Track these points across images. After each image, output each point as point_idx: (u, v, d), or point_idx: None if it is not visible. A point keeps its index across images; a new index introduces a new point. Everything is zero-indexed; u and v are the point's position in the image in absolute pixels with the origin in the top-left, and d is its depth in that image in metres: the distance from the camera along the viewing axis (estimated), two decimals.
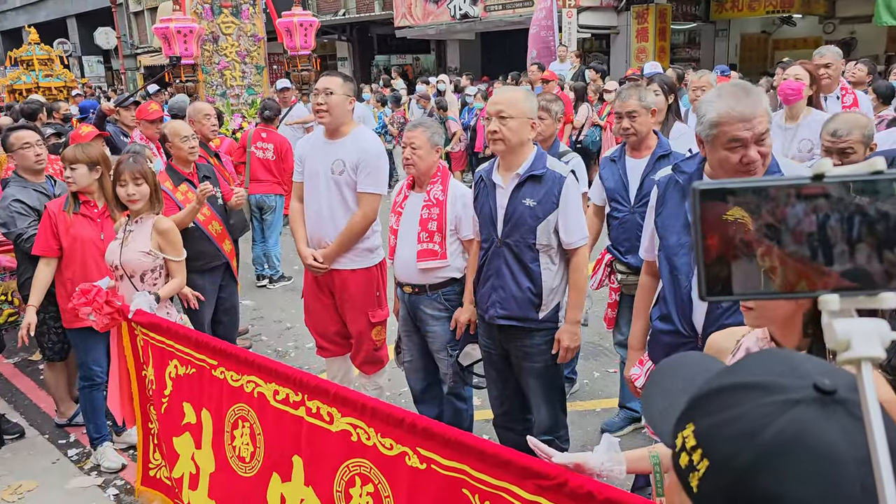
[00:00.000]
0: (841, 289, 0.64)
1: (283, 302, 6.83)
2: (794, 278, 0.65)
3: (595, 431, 4.18)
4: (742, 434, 0.67)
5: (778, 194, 0.65)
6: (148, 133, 5.91)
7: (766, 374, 0.71)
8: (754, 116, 2.20)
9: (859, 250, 0.64)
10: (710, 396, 0.73)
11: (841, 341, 0.62)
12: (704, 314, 2.34)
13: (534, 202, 3.01)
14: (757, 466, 0.65)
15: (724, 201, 0.66)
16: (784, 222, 0.65)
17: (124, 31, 31.29)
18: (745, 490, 0.65)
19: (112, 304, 2.92)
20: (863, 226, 0.64)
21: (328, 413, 2.16)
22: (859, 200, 0.64)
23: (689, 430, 0.72)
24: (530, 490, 1.71)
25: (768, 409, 0.67)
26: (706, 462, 0.68)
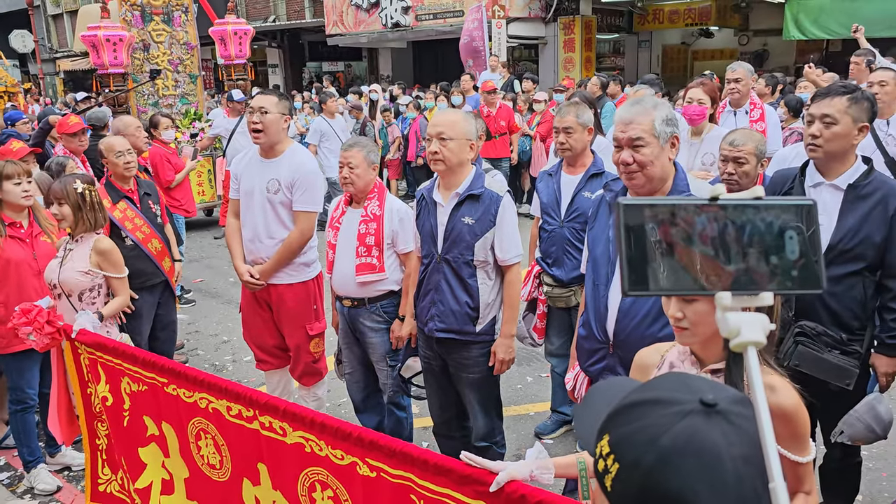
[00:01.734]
0: (733, 289, 0.80)
1: (219, 315, 6.80)
2: (699, 278, 0.81)
3: (529, 435, 4.37)
4: (645, 440, 0.83)
5: (685, 208, 0.81)
6: (70, 147, 5.77)
7: (666, 391, 0.89)
8: (631, 121, 2.42)
9: (750, 254, 0.80)
10: (623, 411, 0.90)
11: (732, 330, 0.78)
12: (615, 322, 2.54)
13: (472, 220, 3.16)
14: (657, 466, 0.81)
15: (641, 213, 0.81)
16: (693, 228, 0.80)
17: (42, 35, 30.13)
18: (650, 486, 0.81)
19: (53, 323, 2.93)
20: (753, 235, 0.80)
21: (280, 427, 2.27)
22: (750, 219, 0.80)
23: (605, 440, 0.89)
24: (470, 495, 1.86)
25: (666, 420, 0.84)
26: (617, 465, 0.85)
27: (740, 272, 0.80)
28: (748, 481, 0.81)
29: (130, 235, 4.48)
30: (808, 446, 1.71)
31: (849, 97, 2.78)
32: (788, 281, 0.80)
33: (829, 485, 3.18)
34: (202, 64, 11.31)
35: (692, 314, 1.71)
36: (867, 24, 8.92)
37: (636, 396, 0.90)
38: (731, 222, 0.80)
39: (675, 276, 0.80)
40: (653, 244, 0.80)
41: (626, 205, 0.82)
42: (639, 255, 0.81)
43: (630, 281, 0.81)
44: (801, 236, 0.80)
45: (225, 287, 7.54)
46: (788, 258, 0.80)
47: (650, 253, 0.81)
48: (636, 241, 0.81)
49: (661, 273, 0.81)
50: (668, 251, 0.80)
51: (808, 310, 2.83)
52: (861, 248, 2.75)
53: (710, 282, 0.80)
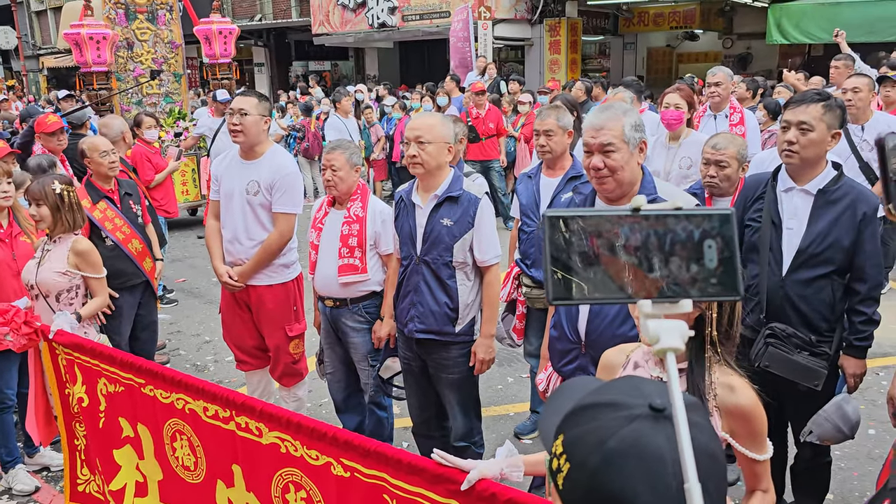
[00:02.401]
0: (655, 296, 0.83)
1: (201, 315, 6.79)
2: (623, 286, 0.84)
3: (508, 435, 4.40)
4: (595, 442, 0.87)
5: (609, 219, 0.83)
6: (49, 146, 5.73)
7: (619, 394, 0.93)
8: (602, 128, 2.47)
9: (672, 262, 0.83)
10: (578, 412, 0.93)
11: (652, 336, 0.81)
12: (587, 322, 2.58)
13: (451, 222, 3.20)
14: (603, 468, 0.85)
15: (566, 225, 0.84)
16: (618, 238, 0.83)
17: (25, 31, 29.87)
18: (597, 486, 0.85)
19: (31, 324, 2.93)
20: (674, 244, 0.83)
21: (256, 427, 2.29)
22: (671, 228, 0.83)
23: (560, 440, 0.92)
24: (442, 494, 1.89)
25: (615, 423, 0.87)
26: (568, 465, 0.88)
27: (663, 280, 0.82)
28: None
29: (110, 236, 4.47)
30: (766, 445, 1.76)
31: (823, 104, 2.84)
32: (708, 288, 0.83)
33: (800, 484, 3.24)
34: (188, 63, 11.27)
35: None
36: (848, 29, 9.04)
37: (592, 399, 0.94)
38: (654, 232, 0.82)
39: (600, 285, 0.83)
40: (577, 254, 0.83)
41: (551, 216, 0.84)
42: (563, 265, 0.83)
43: (554, 290, 0.84)
44: (720, 245, 0.83)
45: (207, 287, 7.53)
46: (708, 266, 0.83)
47: (575, 262, 0.83)
48: (561, 251, 0.83)
49: (585, 282, 0.83)
50: (593, 260, 0.83)
51: (779, 312, 2.89)
52: (830, 252, 2.81)
53: (633, 290, 0.83)
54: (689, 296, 0.83)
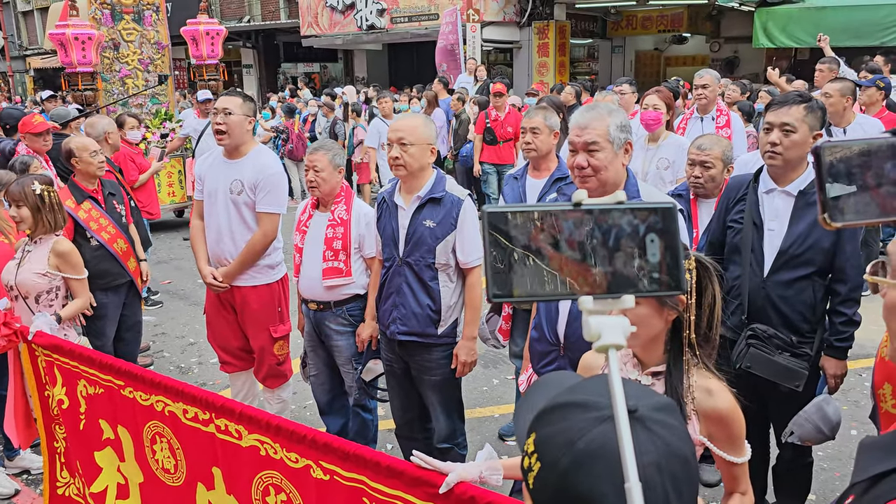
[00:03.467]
0: (598, 292, 0.81)
1: (186, 317, 6.75)
2: (566, 282, 0.82)
3: (493, 437, 4.40)
4: (564, 442, 0.86)
5: (551, 213, 0.82)
6: (34, 146, 5.70)
7: (591, 394, 0.91)
8: (586, 126, 2.47)
9: (617, 257, 0.81)
10: (549, 411, 0.92)
11: (594, 333, 0.79)
12: (566, 325, 2.58)
13: (433, 223, 3.19)
14: (572, 469, 0.84)
15: (506, 221, 0.82)
16: (560, 234, 0.81)
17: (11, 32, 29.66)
18: (565, 486, 0.84)
19: (10, 325, 2.90)
20: (617, 239, 0.81)
21: (236, 430, 2.27)
22: (614, 222, 0.82)
23: (532, 439, 0.91)
24: (422, 497, 1.88)
25: (585, 424, 0.87)
26: (539, 464, 0.88)
27: (606, 276, 0.81)
28: (658, 488, 0.84)
29: (95, 236, 4.44)
30: (744, 448, 1.76)
31: (805, 106, 2.85)
32: (651, 283, 0.82)
33: (782, 485, 3.26)
34: (175, 64, 11.21)
35: (633, 317, 1.75)
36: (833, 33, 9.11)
37: (563, 398, 0.93)
38: (597, 227, 0.81)
39: (542, 281, 0.81)
40: (519, 250, 0.81)
41: (490, 212, 0.82)
42: (504, 261, 0.81)
43: (495, 286, 0.82)
44: (662, 239, 0.82)
45: (193, 289, 7.49)
46: (651, 261, 0.82)
47: (515, 259, 0.81)
48: (501, 248, 0.81)
49: (527, 279, 0.81)
50: (535, 256, 0.81)
51: (761, 313, 2.90)
52: (810, 254, 2.82)
53: (576, 286, 0.81)
54: (630, 291, 0.81)
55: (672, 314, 1.75)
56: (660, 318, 1.74)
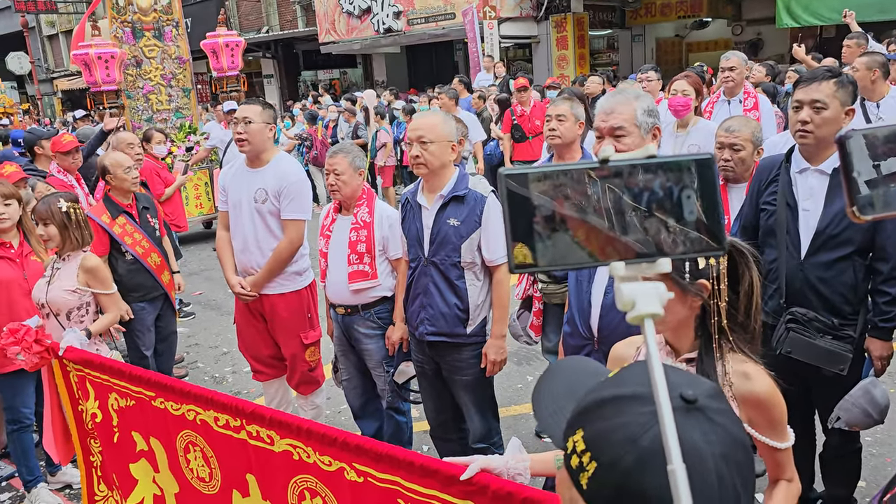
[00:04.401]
0: (629, 257, 0.75)
1: (218, 327, 6.80)
2: (593, 249, 0.75)
3: (529, 434, 4.34)
4: (625, 439, 0.80)
5: (575, 176, 0.75)
6: (64, 164, 5.79)
7: (642, 385, 0.84)
8: (612, 111, 2.42)
9: (649, 223, 0.74)
10: (597, 406, 0.86)
11: (626, 301, 0.73)
12: (599, 318, 2.52)
13: (458, 222, 3.14)
14: (638, 467, 0.78)
15: (526, 184, 0.75)
16: (586, 198, 0.74)
17: (38, 55, 30.28)
18: (629, 487, 0.78)
19: (42, 342, 2.92)
20: (648, 198, 0.74)
21: (268, 435, 2.26)
22: (645, 179, 0.75)
23: (579, 436, 0.85)
24: (458, 495, 1.84)
25: (645, 418, 0.80)
26: (594, 464, 0.81)
27: (637, 239, 0.75)
28: (728, 480, 0.78)
29: (130, 250, 4.50)
30: (787, 432, 1.69)
31: (835, 81, 2.76)
32: (688, 243, 0.75)
33: (830, 472, 3.16)
34: (197, 78, 11.32)
35: None
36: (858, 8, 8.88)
37: (611, 391, 0.87)
38: (625, 187, 0.75)
39: (568, 250, 0.75)
40: (541, 217, 0.75)
41: (508, 175, 0.76)
42: (525, 229, 0.75)
43: (516, 257, 0.76)
44: (699, 194, 0.75)
45: (224, 299, 7.54)
46: (687, 219, 0.75)
47: (538, 225, 0.75)
48: (522, 214, 0.75)
49: (551, 246, 0.75)
50: (558, 224, 0.75)
51: (799, 296, 2.81)
52: (849, 233, 2.72)
53: (604, 252, 0.75)
54: (667, 254, 0.75)
55: (697, 301, 1.68)
56: (683, 305, 1.69)
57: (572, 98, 3.99)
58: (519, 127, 9.06)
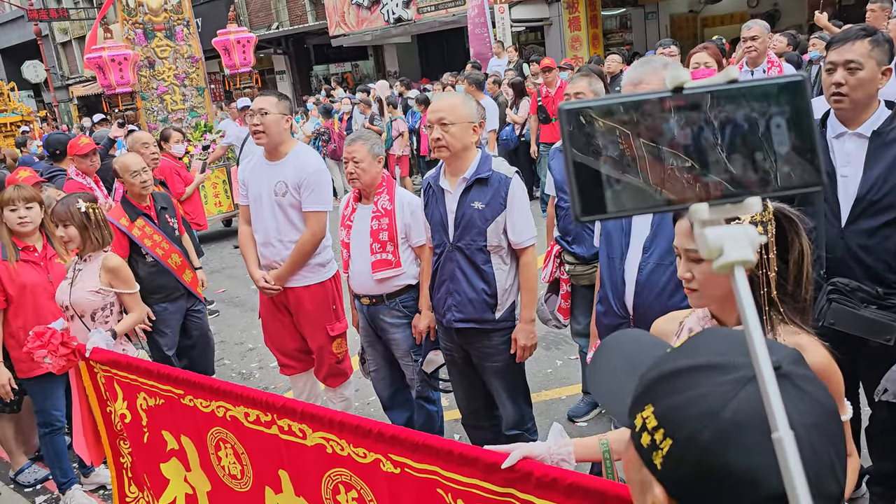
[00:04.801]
0: (711, 199, 0.66)
1: (243, 324, 6.79)
2: (669, 192, 0.67)
3: (562, 419, 4.28)
4: (703, 413, 0.72)
5: (645, 109, 0.66)
6: (82, 167, 5.80)
7: (718, 354, 0.77)
8: (641, 81, 2.34)
9: (734, 160, 0.66)
10: (668, 378, 0.78)
11: (713, 248, 0.64)
12: (634, 295, 2.44)
13: (482, 205, 3.07)
14: (720, 442, 0.70)
15: (591, 120, 0.67)
16: (660, 136, 0.66)
17: (53, 63, 30.53)
18: (710, 464, 0.70)
19: (68, 344, 2.90)
20: (735, 135, 0.66)
21: (300, 429, 2.21)
22: (727, 109, 0.66)
23: (650, 412, 0.77)
24: (500, 483, 1.78)
25: (725, 388, 0.72)
26: (669, 441, 0.73)
27: (721, 178, 0.66)
28: (823, 452, 0.71)
29: (150, 252, 4.48)
30: (844, 405, 1.61)
31: (870, 40, 2.64)
32: (780, 180, 0.66)
33: (877, 446, 3.05)
34: (210, 77, 11.32)
35: (700, 274, 1.62)
36: None
37: (682, 362, 0.78)
38: (705, 120, 0.66)
39: (640, 194, 0.67)
40: (608, 159, 0.67)
41: (569, 110, 0.67)
42: (591, 172, 0.67)
43: (582, 205, 0.68)
44: (792, 122, 0.66)
45: (247, 295, 7.53)
46: (778, 152, 0.66)
47: (606, 170, 0.67)
48: (586, 154, 0.67)
49: (621, 191, 0.67)
50: (629, 165, 0.66)
51: (841, 266, 2.71)
52: (891, 198, 2.61)
53: (682, 195, 0.66)
54: (756, 192, 0.66)
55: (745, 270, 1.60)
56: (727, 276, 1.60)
57: (590, 74, 3.90)
58: (543, 108, 8.97)
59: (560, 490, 1.67)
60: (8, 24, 32.45)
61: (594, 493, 1.64)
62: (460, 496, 1.89)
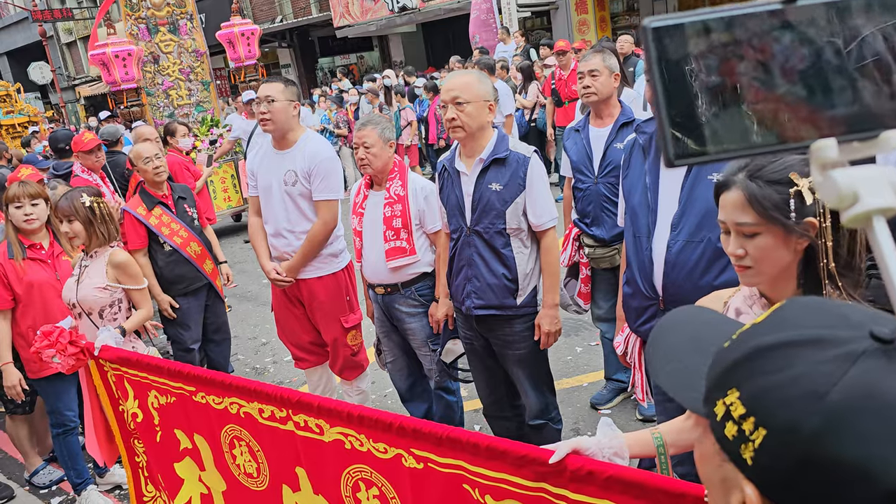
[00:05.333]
0: (836, 135, 0.55)
1: (256, 318, 6.72)
2: (784, 128, 0.56)
3: (585, 407, 4.17)
4: (806, 396, 0.60)
5: (750, 26, 0.55)
6: (87, 163, 5.73)
7: (816, 326, 0.65)
8: None
9: (864, 86, 0.55)
10: (755, 357, 0.66)
11: (845, 195, 0.53)
12: (663, 275, 2.33)
13: (500, 186, 2.95)
14: (830, 429, 0.59)
15: (684, 40, 0.56)
16: (770, 58, 0.55)
17: (59, 64, 30.57)
18: (820, 456, 0.59)
19: (76, 343, 2.81)
20: (864, 55, 0.54)
21: (317, 425, 2.12)
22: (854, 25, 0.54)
23: (734, 397, 0.66)
24: (530, 477, 1.68)
25: (830, 367, 0.61)
26: (763, 431, 0.62)
27: (846, 109, 0.54)
28: None
29: (168, 241, 4.40)
30: None
31: None
32: None
33: None
34: (216, 73, 11.22)
35: (755, 250, 1.49)
36: None
37: (773, 337, 0.66)
38: (826, 35, 0.53)
39: (744, 130, 0.55)
40: (706, 89, 0.55)
41: (656, 28, 0.56)
42: (684, 106, 0.55)
43: (676, 145, 0.56)
44: None
45: (259, 290, 7.46)
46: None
47: (702, 98, 0.55)
48: (679, 84, 0.55)
49: (722, 128, 0.55)
50: (730, 93, 0.55)
51: None
52: None
53: (799, 131, 0.55)
54: (893, 125, 0.54)
55: (802, 242, 1.48)
56: (787, 249, 1.48)
57: (603, 50, 3.76)
58: (556, 91, 8.81)
59: (597, 483, 1.56)
60: (13, 26, 32.49)
61: (634, 486, 1.53)
62: (488, 491, 1.79)
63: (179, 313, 4.40)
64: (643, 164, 2.50)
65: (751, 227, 1.48)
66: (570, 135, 3.79)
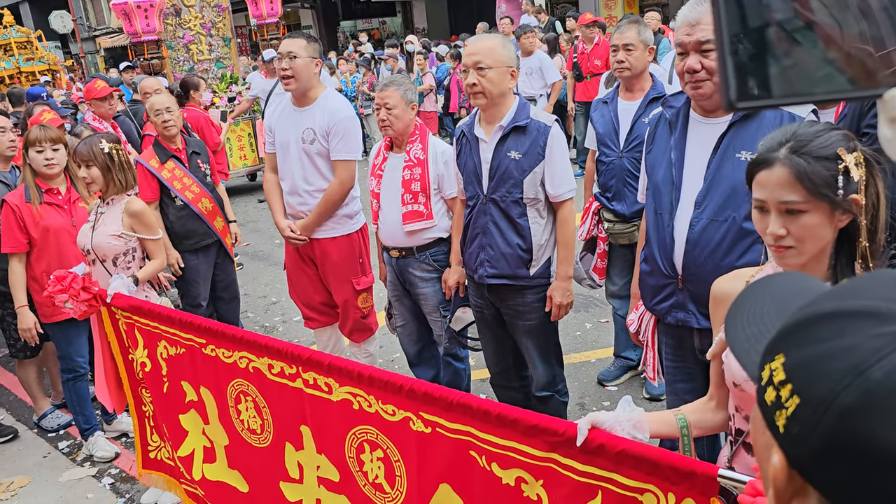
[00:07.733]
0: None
1: (267, 278, 6.73)
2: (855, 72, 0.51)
3: (591, 382, 4.16)
4: (846, 369, 0.56)
5: None
6: (100, 112, 5.70)
7: (880, 299, 0.60)
8: (698, 22, 2.17)
9: None
10: (807, 324, 0.62)
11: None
12: (684, 254, 2.29)
13: (519, 154, 2.91)
14: (862, 407, 0.55)
15: None
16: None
17: (80, 14, 30.38)
18: (848, 434, 0.55)
19: (89, 289, 2.81)
20: None
21: (326, 384, 2.11)
22: None
23: (779, 363, 0.62)
24: (541, 447, 1.67)
25: (881, 342, 0.56)
26: (796, 399, 0.58)
27: None
28: None
29: (180, 195, 4.38)
30: None
31: None
32: None
33: None
34: (237, 31, 11.11)
35: (799, 229, 1.44)
36: None
37: (829, 305, 0.62)
38: None
39: (814, 72, 0.51)
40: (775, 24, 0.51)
41: None
42: (751, 44, 0.52)
43: (738, 86, 0.53)
44: None
45: (271, 249, 7.47)
46: None
47: (770, 36, 0.52)
48: (744, 19, 0.52)
49: (791, 70, 0.52)
50: (800, 32, 0.51)
51: None
52: None
53: (873, 76, 0.50)
54: None
55: (844, 219, 1.44)
56: (830, 227, 1.44)
57: (638, 21, 3.68)
58: (577, 65, 8.65)
59: (608, 457, 1.55)
60: None
61: (644, 461, 1.51)
62: (495, 459, 1.78)
63: (188, 270, 4.39)
64: (669, 139, 2.45)
65: (798, 205, 1.43)
66: (598, 107, 3.73)
